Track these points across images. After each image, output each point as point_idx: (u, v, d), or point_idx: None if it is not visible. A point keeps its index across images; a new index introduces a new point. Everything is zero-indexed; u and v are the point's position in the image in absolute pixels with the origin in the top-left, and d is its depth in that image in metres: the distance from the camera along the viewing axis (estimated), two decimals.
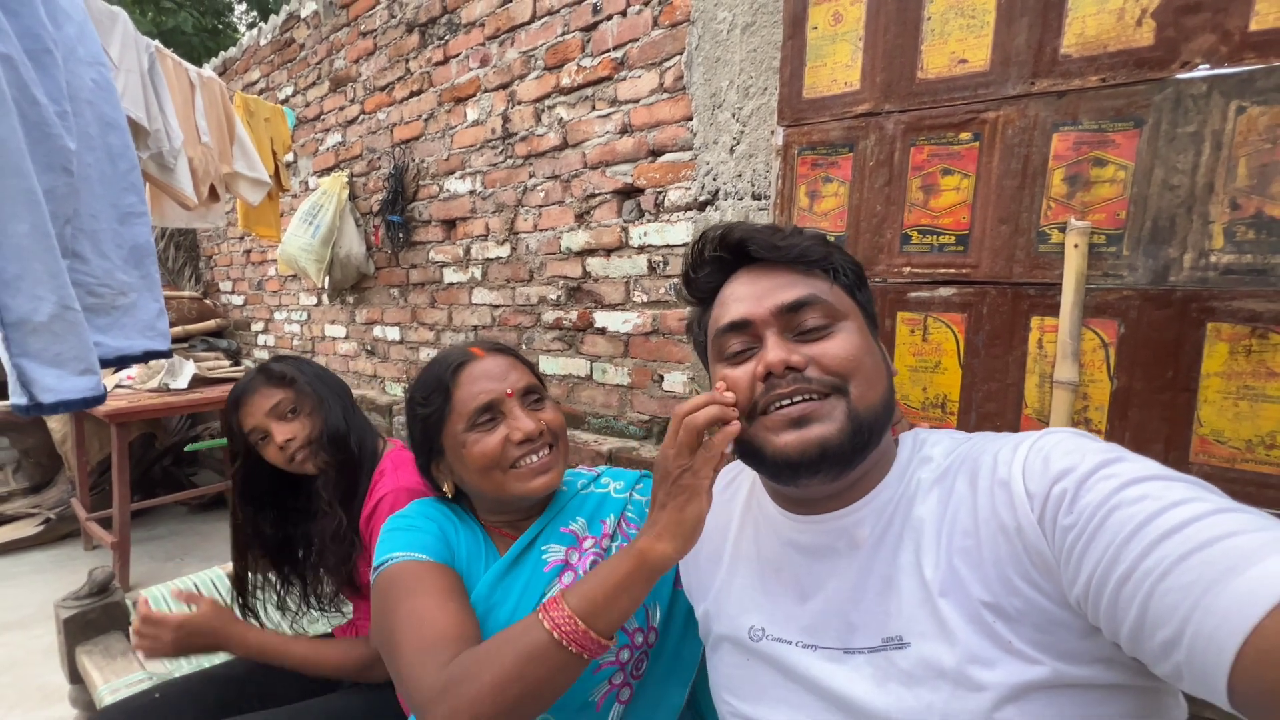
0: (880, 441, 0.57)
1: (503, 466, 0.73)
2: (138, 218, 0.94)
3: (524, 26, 1.95)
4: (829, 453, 0.53)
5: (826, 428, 0.53)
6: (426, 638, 0.62)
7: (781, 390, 0.54)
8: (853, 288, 0.60)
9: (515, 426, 0.73)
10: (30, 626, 2.13)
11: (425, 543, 0.73)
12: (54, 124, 0.74)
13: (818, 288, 0.57)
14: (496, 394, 0.74)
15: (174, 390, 2.61)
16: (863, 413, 0.54)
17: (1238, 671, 0.35)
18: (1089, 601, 0.44)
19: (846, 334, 0.56)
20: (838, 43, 1.18)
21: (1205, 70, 0.85)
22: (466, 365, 0.77)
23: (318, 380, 1.04)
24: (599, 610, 0.55)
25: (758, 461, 0.58)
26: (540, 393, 0.79)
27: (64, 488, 3.01)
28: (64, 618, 1.10)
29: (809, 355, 0.55)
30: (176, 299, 3.61)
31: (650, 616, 0.78)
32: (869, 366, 0.55)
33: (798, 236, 0.59)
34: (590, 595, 0.56)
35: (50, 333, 0.75)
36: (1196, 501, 0.41)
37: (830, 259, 0.58)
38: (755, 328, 0.57)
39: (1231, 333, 0.86)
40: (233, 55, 3.49)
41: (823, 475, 0.55)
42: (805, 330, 0.56)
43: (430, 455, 0.79)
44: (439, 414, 0.76)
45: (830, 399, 0.54)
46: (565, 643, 0.55)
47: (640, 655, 0.76)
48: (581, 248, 1.87)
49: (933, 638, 0.50)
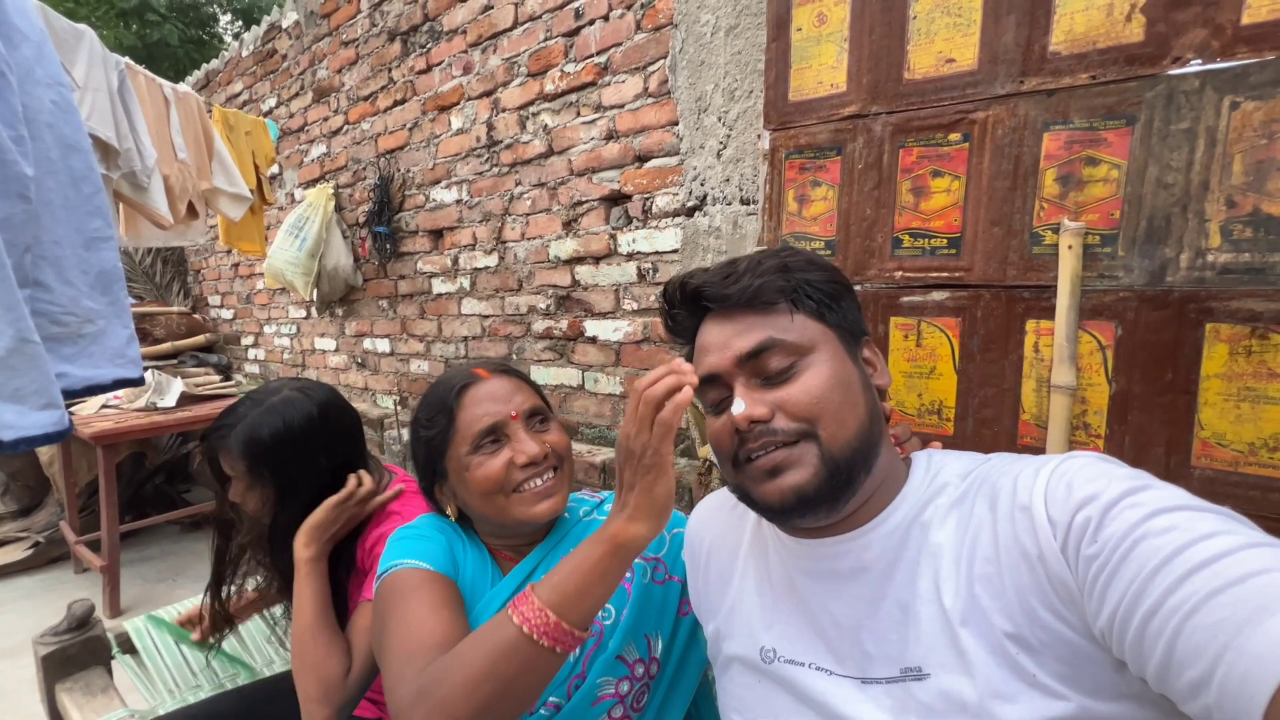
0: (871, 470, 0.55)
1: (506, 490, 0.72)
2: (104, 242, 0.91)
3: (506, 33, 1.93)
4: (806, 498, 0.52)
5: (799, 475, 0.52)
6: (411, 645, 0.62)
7: (752, 444, 0.54)
8: (821, 310, 0.57)
9: (519, 450, 0.72)
10: (18, 655, 2.09)
11: (431, 553, 0.73)
12: (9, 150, 0.71)
13: (778, 325, 0.55)
14: (500, 416, 0.73)
15: (162, 409, 2.57)
16: (836, 452, 0.53)
17: (1272, 716, 0.34)
18: (1113, 635, 0.42)
19: (812, 371, 0.54)
20: (823, 44, 1.15)
21: (1197, 65, 0.83)
22: (470, 387, 0.75)
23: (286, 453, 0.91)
24: (570, 601, 0.53)
25: (750, 504, 0.58)
26: (545, 414, 0.78)
27: (53, 510, 2.97)
28: (42, 654, 1.06)
29: (775, 402, 0.54)
30: (165, 314, 3.57)
31: (652, 647, 0.76)
32: (839, 402, 0.54)
33: (750, 276, 0.57)
34: (561, 586, 0.54)
35: (8, 367, 0.72)
36: (1227, 535, 0.40)
37: (788, 289, 0.56)
38: (724, 379, 0.56)
39: (1231, 333, 0.84)
40: (215, 67, 3.45)
41: (810, 517, 0.54)
42: (770, 374, 0.55)
43: (434, 478, 0.78)
44: (442, 436, 0.74)
45: (800, 444, 0.53)
46: (536, 637, 0.52)
47: (642, 688, 0.74)
48: (570, 256, 1.85)
49: (953, 670, 0.49)
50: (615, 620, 0.74)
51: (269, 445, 0.90)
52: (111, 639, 1.16)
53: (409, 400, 2.57)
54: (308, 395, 0.96)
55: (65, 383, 0.85)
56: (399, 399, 2.61)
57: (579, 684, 0.71)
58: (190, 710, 0.96)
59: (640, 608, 0.75)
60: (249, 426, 0.90)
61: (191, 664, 1.17)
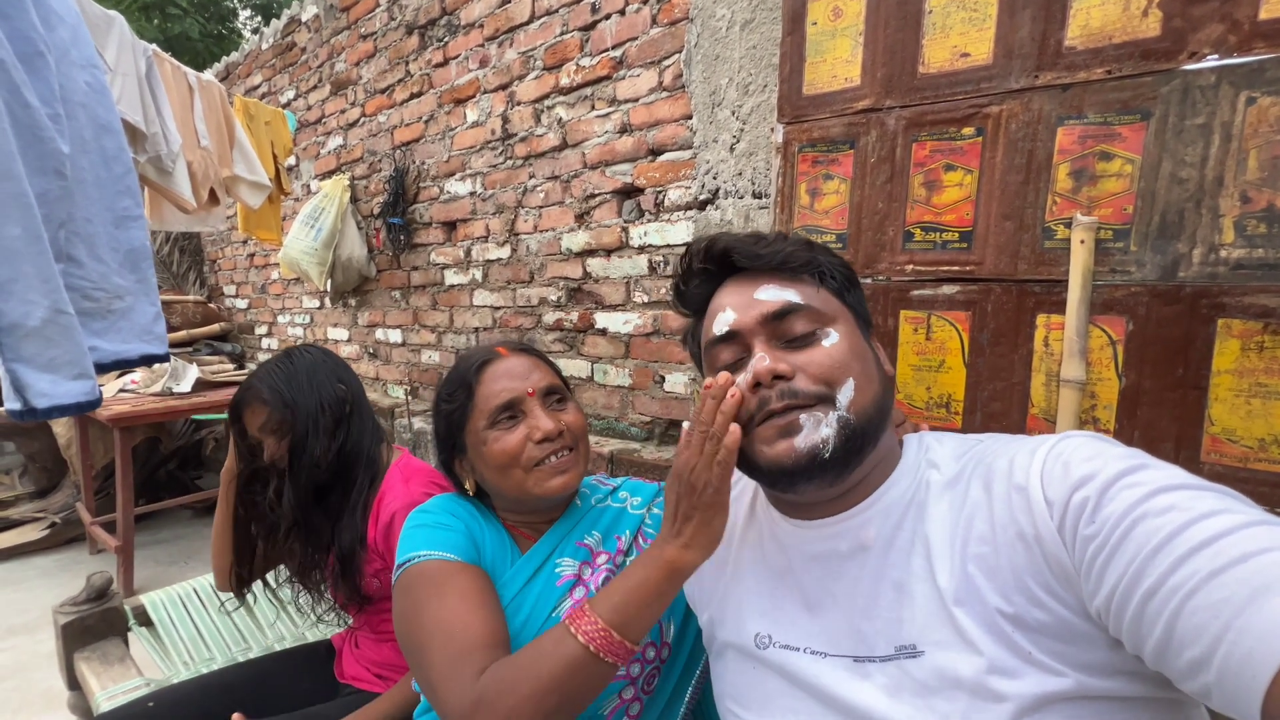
0: (877, 444, 0.56)
1: (523, 465, 0.73)
2: (133, 221, 0.93)
3: (523, 27, 1.94)
4: (820, 460, 0.53)
5: (816, 436, 0.53)
6: (458, 647, 0.62)
7: (771, 403, 0.54)
8: (841, 290, 0.59)
9: (535, 425, 0.73)
10: (35, 631, 2.13)
11: (453, 541, 0.73)
12: (46, 127, 0.74)
13: (804, 293, 0.56)
14: (518, 393, 0.74)
15: (177, 394, 2.61)
16: (853, 419, 0.53)
17: (1273, 697, 0.34)
18: (1111, 614, 0.42)
19: (835, 340, 0.55)
20: (838, 38, 1.16)
21: (1214, 60, 0.83)
22: (490, 363, 0.77)
23: (300, 390, 0.98)
24: (630, 620, 0.57)
25: (753, 470, 0.58)
26: (562, 393, 0.79)
27: (69, 492, 3.02)
28: (61, 624, 1.09)
29: (796, 364, 0.54)
30: (181, 303, 3.62)
31: (664, 632, 0.77)
32: (859, 371, 0.54)
33: (781, 242, 0.58)
34: (622, 606, 0.57)
35: (43, 337, 0.74)
36: (1227, 514, 0.40)
37: (816, 262, 0.58)
38: (743, 337, 0.57)
39: (1243, 329, 0.84)
40: (235, 60, 3.50)
41: (818, 482, 0.54)
42: (793, 338, 0.55)
43: (453, 451, 0.80)
44: (462, 411, 0.76)
45: (819, 407, 0.53)
46: (601, 654, 0.56)
47: (653, 670, 0.76)
48: (582, 248, 1.86)
49: (948, 647, 0.49)
50: None
51: (303, 374, 0.98)
52: (129, 612, 1.19)
53: (420, 390, 2.60)
54: (303, 348, 1.06)
55: (95, 356, 0.87)
56: (410, 389, 2.64)
57: None
58: (204, 680, 0.98)
59: None
60: (266, 371, 0.99)
61: (205, 637, 1.20)
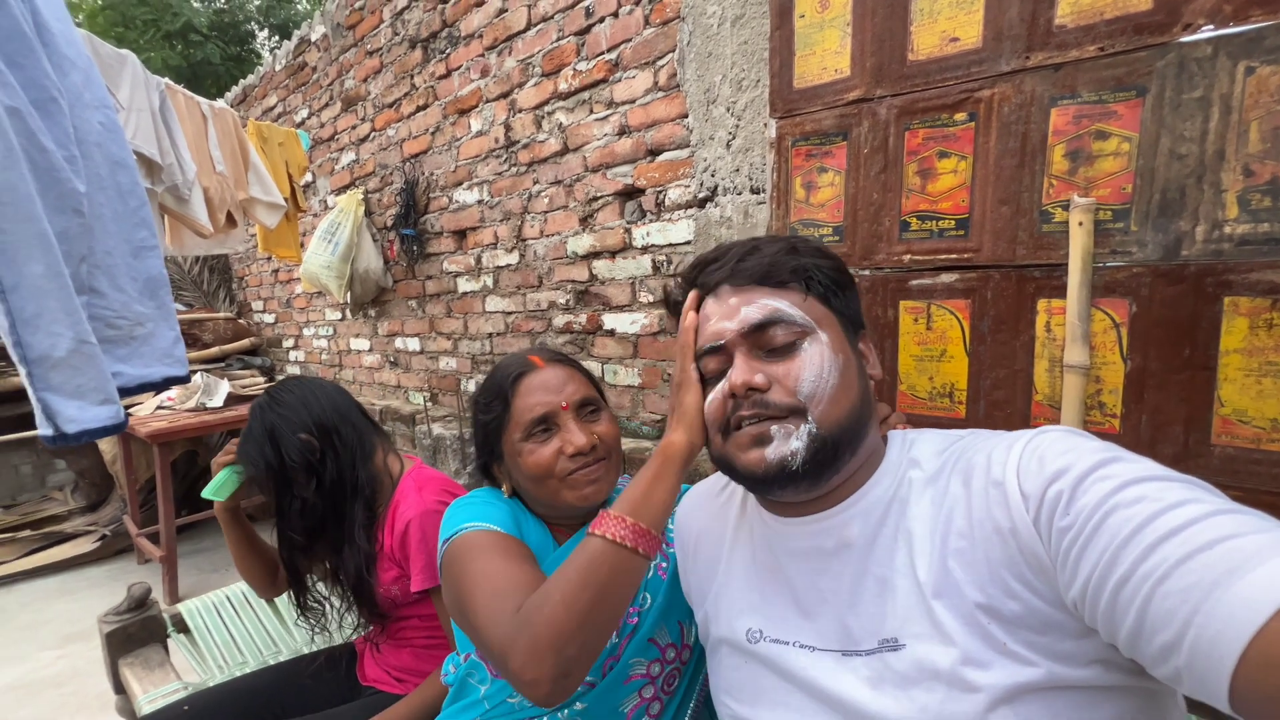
0: (856, 452, 0.57)
1: (557, 477, 0.75)
2: (150, 251, 0.98)
3: (520, 35, 1.97)
4: (789, 471, 0.54)
5: (785, 448, 0.54)
6: (498, 587, 0.64)
7: (744, 411, 0.56)
8: (829, 294, 0.59)
9: (568, 440, 0.75)
10: (90, 638, 2.25)
11: (498, 517, 0.75)
12: (63, 169, 0.79)
13: (787, 302, 0.57)
14: (552, 406, 0.76)
15: (211, 409, 2.72)
16: (824, 431, 0.54)
17: (1240, 677, 0.35)
18: (1086, 604, 0.43)
19: (813, 351, 0.56)
20: (826, 30, 1.15)
21: (1209, 31, 0.81)
22: (525, 375, 0.79)
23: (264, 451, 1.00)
24: (639, 504, 0.59)
25: (732, 474, 0.60)
26: (597, 404, 0.80)
27: (117, 505, 3.17)
28: (106, 632, 1.16)
29: (774, 375, 0.55)
30: (213, 320, 3.76)
31: (685, 634, 0.78)
32: (834, 383, 0.55)
33: (758, 256, 0.59)
34: (629, 495, 0.60)
35: (70, 367, 0.79)
36: (1195, 503, 0.40)
37: (802, 269, 0.58)
38: (726, 348, 0.58)
39: (1250, 306, 0.82)
40: (251, 83, 3.61)
41: (791, 490, 0.56)
42: (774, 348, 0.57)
43: (491, 457, 0.82)
44: (498, 421, 0.79)
45: (790, 419, 0.55)
46: (620, 540, 0.57)
47: (673, 670, 0.77)
48: (587, 251, 1.88)
49: (928, 639, 0.50)
50: (649, 604, 0.77)
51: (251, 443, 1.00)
52: (168, 619, 1.25)
53: (439, 396, 2.65)
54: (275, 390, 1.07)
55: (120, 381, 0.93)
56: (429, 395, 2.70)
57: (613, 665, 0.73)
58: (236, 683, 1.03)
59: (672, 593, 0.77)
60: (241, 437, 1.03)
61: (238, 641, 1.26)
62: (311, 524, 0.99)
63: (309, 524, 0.99)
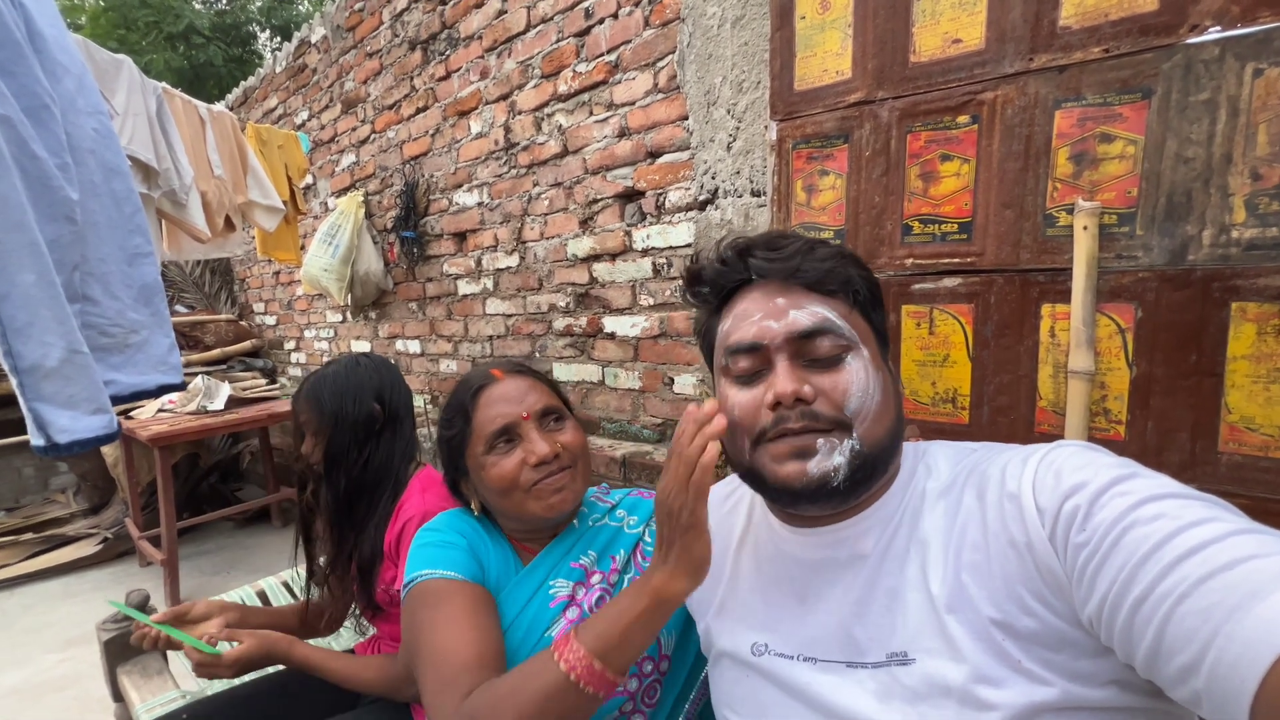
0: (887, 470, 0.56)
1: (521, 488, 0.74)
2: (144, 258, 0.98)
3: (520, 36, 1.96)
4: (829, 488, 0.52)
5: (829, 463, 0.52)
6: (449, 670, 0.63)
7: (789, 423, 0.53)
8: (868, 309, 0.57)
9: (530, 450, 0.74)
10: (93, 642, 2.24)
11: (455, 559, 0.74)
12: (55, 176, 0.78)
13: (836, 312, 0.55)
14: (512, 417, 0.75)
15: (211, 412, 2.72)
16: (867, 449, 0.53)
17: (1261, 701, 0.34)
18: (1102, 622, 0.42)
19: (857, 365, 0.54)
20: (827, 31, 1.14)
21: (1216, 33, 0.79)
22: (486, 388, 0.78)
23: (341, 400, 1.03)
24: (612, 650, 0.56)
25: (759, 485, 0.57)
26: (560, 412, 0.79)
27: (119, 508, 3.18)
28: (104, 640, 1.16)
29: (820, 387, 0.53)
30: (214, 322, 3.76)
31: (662, 646, 0.77)
32: (879, 400, 0.54)
33: (815, 258, 0.56)
34: (605, 635, 0.56)
35: (62, 376, 0.79)
36: (1215, 522, 0.39)
37: (852, 282, 0.56)
38: (767, 352, 0.55)
39: (1258, 312, 0.80)
40: (252, 85, 3.61)
41: (822, 504, 0.55)
42: (817, 358, 0.54)
43: (456, 474, 0.82)
44: (460, 436, 0.78)
45: (836, 433, 0.53)
46: (582, 683, 0.55)
47: (652, 683, 0.76)
48: (587, 253, 1.88)
49: (939, 655, 0.49)
50: None
51: (331, 388, 1.02)
52: None
53: (440, 399, 2.65)
54: (364, 356, 1.10)
55: (115, 389, 0.92)
56: (430, 398, 2.69)
57: None
58: (233, 692, 1.03)
59: None
60: (324, 374, 1.03)
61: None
62: (350, 492, 1.00)
63: (349, 490, 1.00)
